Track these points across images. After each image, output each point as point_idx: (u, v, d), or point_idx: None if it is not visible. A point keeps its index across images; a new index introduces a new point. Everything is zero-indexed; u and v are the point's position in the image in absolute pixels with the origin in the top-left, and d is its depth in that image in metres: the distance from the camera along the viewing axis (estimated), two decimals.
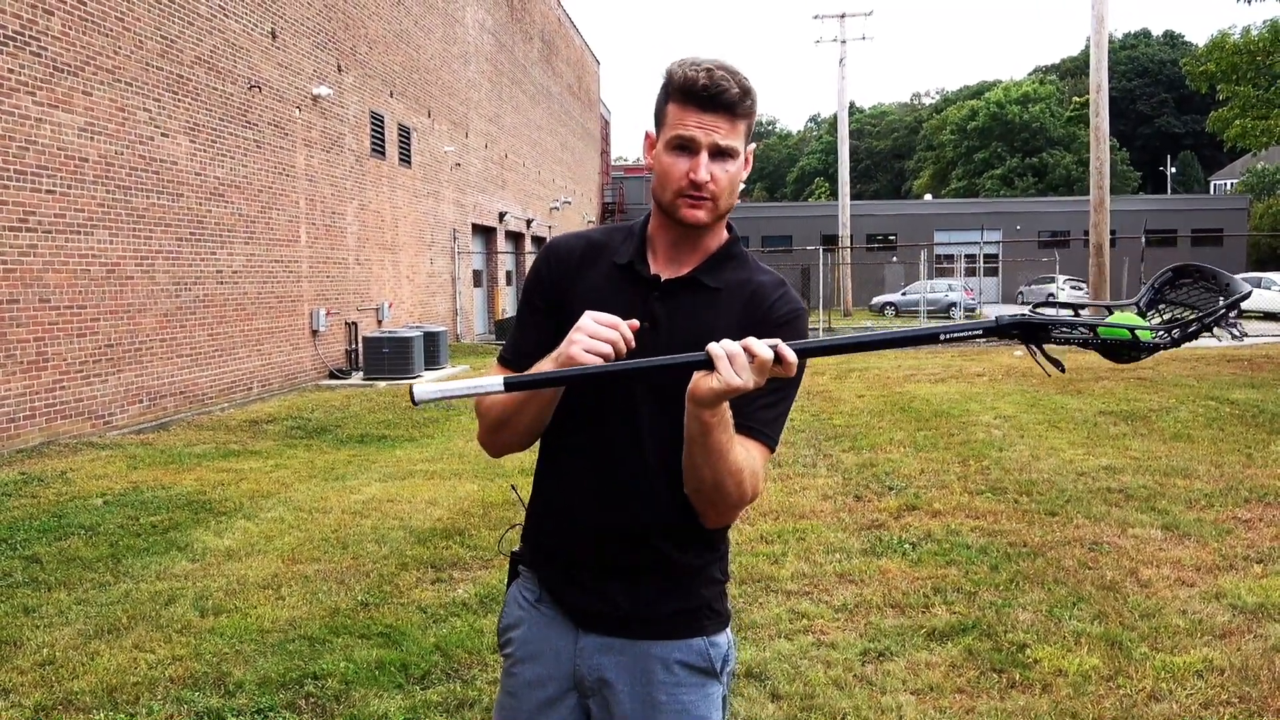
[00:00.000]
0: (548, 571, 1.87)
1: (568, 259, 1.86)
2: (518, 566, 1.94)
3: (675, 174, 1.72)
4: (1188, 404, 11.68)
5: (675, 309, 1.78)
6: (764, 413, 1.75)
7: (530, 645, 1.87)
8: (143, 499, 7.47)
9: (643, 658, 1.79)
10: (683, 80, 1.70)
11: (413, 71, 21.48)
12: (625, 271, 1.81)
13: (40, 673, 4.24)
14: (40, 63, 9.83)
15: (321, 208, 16.65)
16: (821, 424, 10.94)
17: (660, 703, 1.78)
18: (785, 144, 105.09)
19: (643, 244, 1.84)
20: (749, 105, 1.72)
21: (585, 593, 1.81)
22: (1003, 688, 3.98)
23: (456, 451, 9.56)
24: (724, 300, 1.79)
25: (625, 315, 1.67)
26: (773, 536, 6.21)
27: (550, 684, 1.84)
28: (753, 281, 1.82)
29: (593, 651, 1.81)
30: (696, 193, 1.72)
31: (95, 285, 10.72)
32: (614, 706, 1.80)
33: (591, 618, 1.82)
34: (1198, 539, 6.03)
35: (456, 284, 24.94)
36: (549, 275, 1.86)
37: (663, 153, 1.74)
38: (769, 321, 1.77)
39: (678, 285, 1.79)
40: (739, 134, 1.73)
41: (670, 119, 1.73)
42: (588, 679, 1.82)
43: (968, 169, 69.82)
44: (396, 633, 4.62)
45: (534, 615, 1.87)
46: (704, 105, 1.69)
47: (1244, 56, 18.98)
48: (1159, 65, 76.12)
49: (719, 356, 1.52)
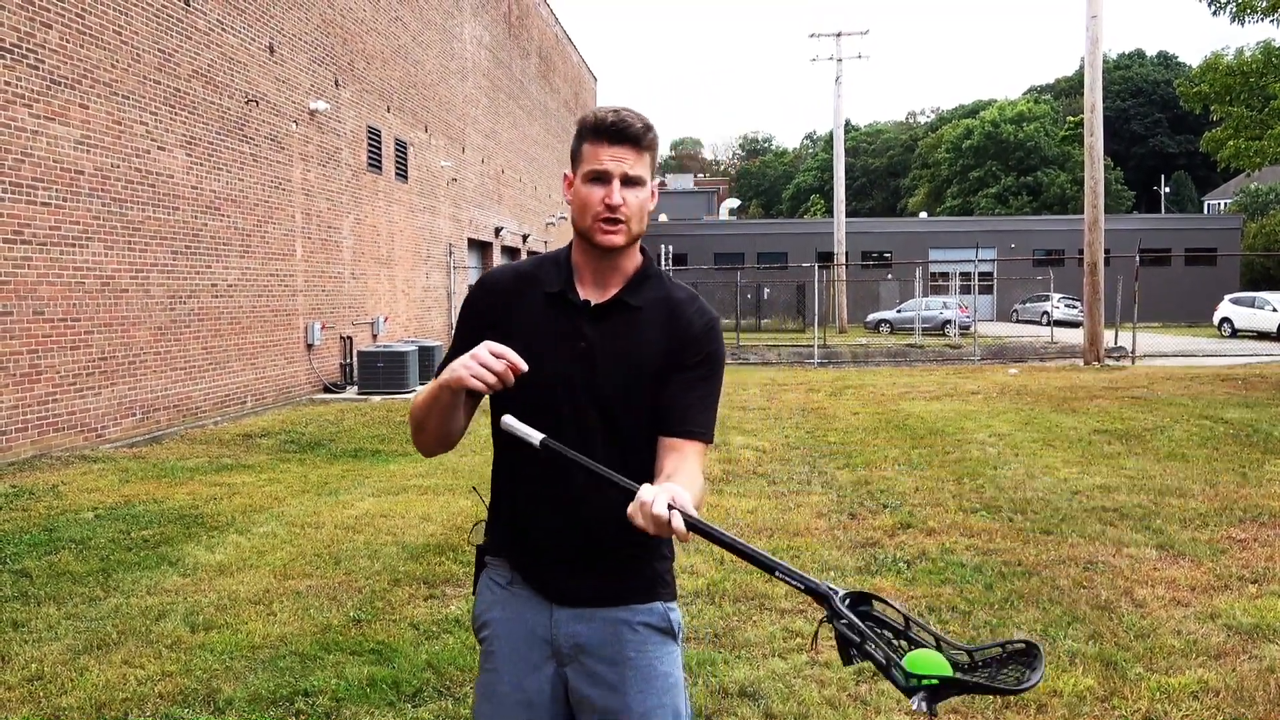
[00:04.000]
0: (516, 558, 2.08)
1: (498, 289, 2.09)
2: (484, 557, 2.15)
3: (592, 201, 1.97)
4: (1182, 423, 11.69)
5: (606, 330, 2.02)
6: (701, 416, 2.03)
7: (508, 624, 2.07)
8: (134, 513, 7.43)
9: (612, 622, 2.02)
10: (594, 121, 1.98)
11: (410, 87, 21.53)
12: (557, 299, 2.04)
13: (29, 688, 4.20)
14: (38, 75, 9.84)
15: (317, 222, 16.65)
16: (816, 441, 10.93)
17: (631, 659, 2.01)
18: (781, 161, 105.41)
19: (569, 273, 2.07)
20: (651, 138, 1.99)
21: (553, 576, 2.04)
22: (997, 708, 3.96)
23: (450, 467, 9.53)
24: (646, 317, 2.04)
25: (561, 338, 2.00)
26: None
27: (530, 654, 2.04)
28: (671, 299, 2.07)
29: (567, 621, 2.03)
30: (612, 215, 1.96)
31: (89, 298, 10.70)
32: (591, 667, 2.02)
33: (562, 594, 2.04)
34: (1192, 559, 6.02)
35: (452, 299, 24.93)
36: (482, 305, 2.10)
37: (580, 185, 1.99)
38: (689, 334, 2.05)
39: (606, 308, 2.04)
40: (645, 164, 1.99)
41: (585, 156, 1.99)
42: (564, 647, 2.03)
43: (963, 187, 70.08)
44: (388, 649, 4.59)
45: (507, 597, 2.08)
46: (613, 139, 1.96)
47: (1237, 77, 19.07)
48: (1153, 85, 76.54)
49: (642, 507, 1.72)
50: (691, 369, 2.04)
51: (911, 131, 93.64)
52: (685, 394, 2.02)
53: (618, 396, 2.00)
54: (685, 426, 2.01)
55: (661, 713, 2.01)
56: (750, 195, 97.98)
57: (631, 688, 2.00)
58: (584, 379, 2.01)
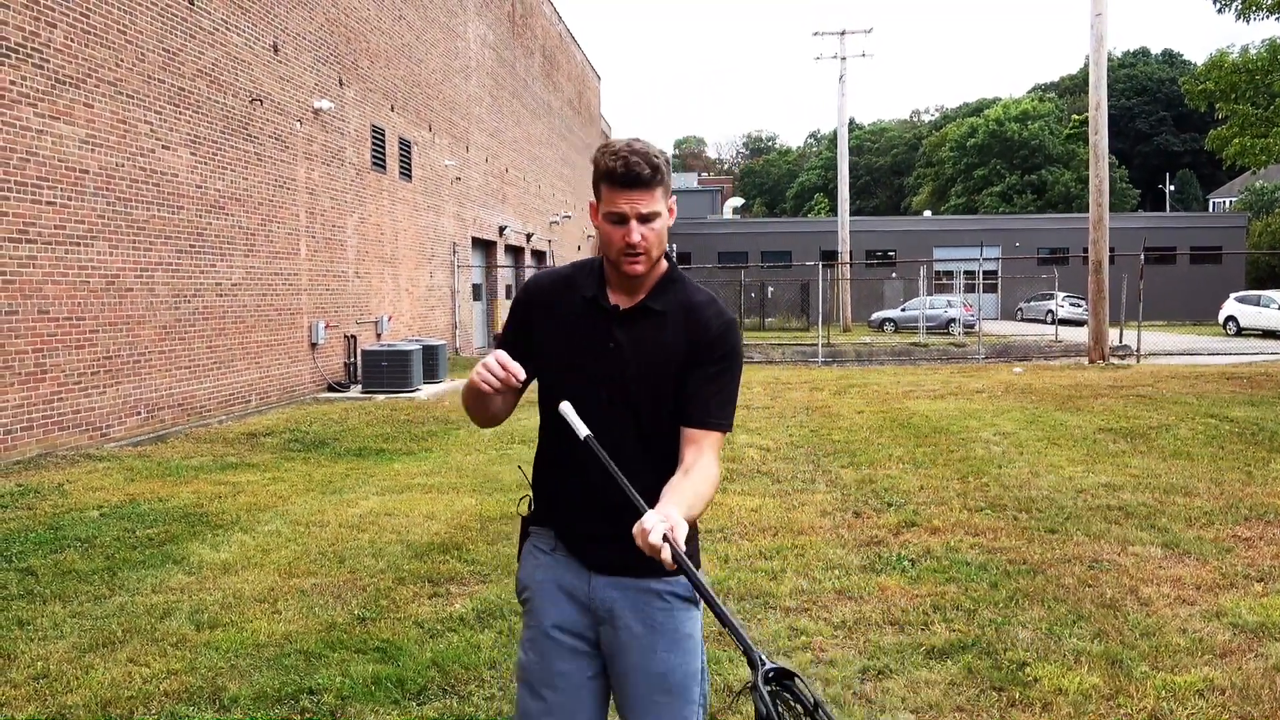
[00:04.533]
0: (558, 529, 2.37)
1: (542, 291, 2.40)
2: (529, 527, 2.45)
3: (615, 239, 2.25)
4: (1187, 421, 11.67)
5: (632, 332, 2.30)
6: (719, 408, 2.30)
7: (549, 586, 2.36)
8: (139, 512, 7.44)
9: (642, 591, 2.29)
10: (606, 170, 2.22)
11: (414, 86, 21.54)
12: (591, 304, 2.33)
13: (34, 686, 4.21)
14: (42, 75, 9.85)
15: (322, 221, 16.67)
16: (821, 440, 10.93)
17: (659, 623, 2.29)
18: (785, 160, 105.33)
19: (602, 281, 2.35)
20: (660, 177, 2.23)
21: (591, 548, 2.32)
22: (1003, 706, 3.95)
23: (455, 465, 9.54)
24: (669, 320, 2.31)
25: (594, 339, 2.30)
26: (771, 553, 6.19)
27: (568, 614, 2.33)
28: (690, 303, 2.33)
29: (603, 588, 2.31)
30: (632, 250, 2.23)
31: (94, 297, 10.72)
32: (621, 629, 2.30)
33: (598, 563, 2.31)
34: (1198, 557, 6.01)
35: (456, 298, 24.94)
36: (528, 305, 2.41)
37: (603, 223, 2.26)
38: (707, 335, 2.31)
39: (633, 313, 2.32)
40: (657, 199, 2.24)
41: (604, 197, 2.24)
42: (600, 610, 2.32)
43: (967, 186, 69.98)
44: (393, 648, 4.59)
45: (549, 562, 2.38)
46: (626, 185, 2.20)
47: (1242, 75, 19.03)
48: (1158, 83, 76.40)
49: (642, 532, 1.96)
50: (709, 366, 2.30)
51: (915, 130, 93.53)
52: (704, 389, 2.29)
53: (643, 391, 2.28)
54: (704, 418, 2.28)
55: (683, 669, 2.31)
56: (754, 194, 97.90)
57: (658, 646, 2.29)
58: (614, 375, 2.29)
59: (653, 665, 2.30)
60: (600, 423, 2.19)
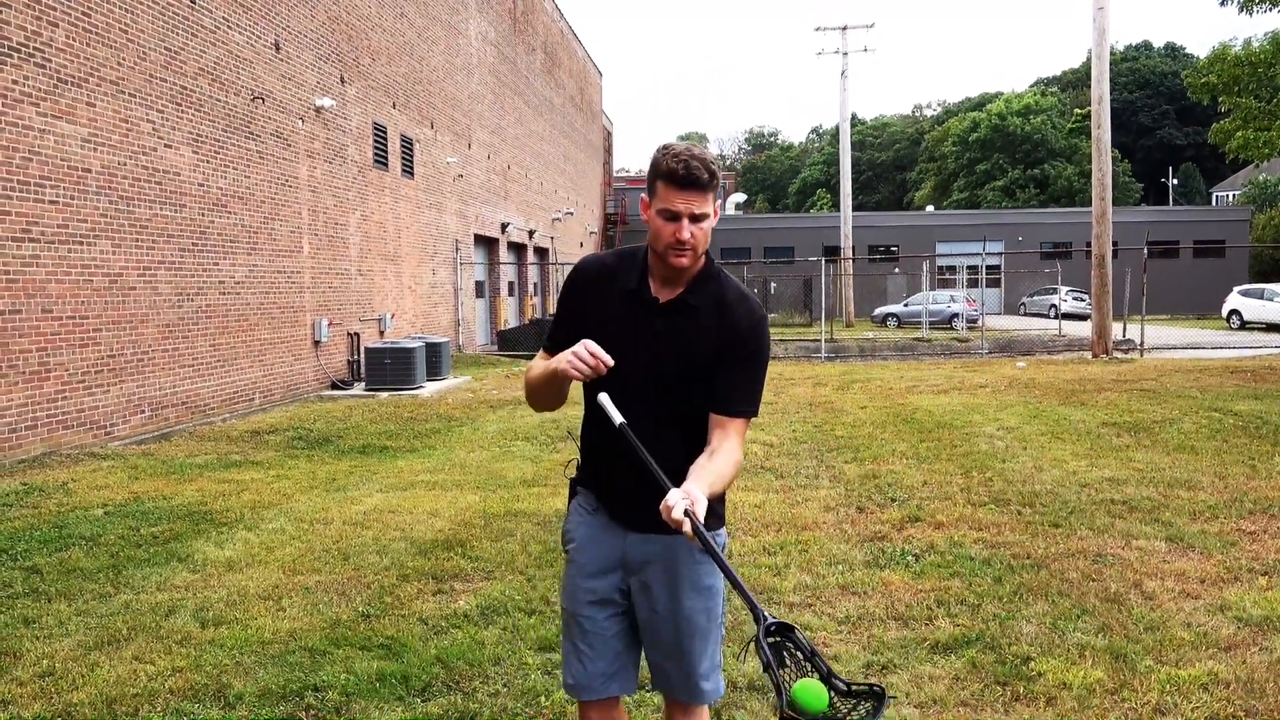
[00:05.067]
0: (599, 492, 2.66)
1: (590, 279, 2.62)
2: (576, 488, 2.73)
3: (665, 234, 2.45)
4: (1191, 415, 11.65)
5: (670, 323, 2.54)
6: (745, 398, 2.55)
7: (589, 540, 2.66)
8: (144, 510, 7.46)
9: (671, 546, 2.56)
10: (668, 171, 2.42)
11: (416, 83, 21.54)
12: (633, 295, 2.55)
13: (40, 684, 4.22)
14: (45, 74, 9.86)
15: (324, 218, 16.67)
16: (824, 435, 10.92)
17: (684, 573, 2.59)
18: (787, 155, 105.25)
19: (644, 273, 2.56)
20: (715, 182, 2.45)
21: (626, 510, 2.59)
22: (1007, 700, 3.95)
23: (458, 462, 9.55)
24: (704, 315, 2.53)
25: (634, 329, 2.53)
26: (775, 548, 6.19)
27: (603, 563, 2.63)
28: (724, 299, 2.55)
29: (637, 543, 2.61)
30: (680, 246, 2.45)
31: (98, 296, 10.73)
32: (651, 579, 2.60)
33: (633, 523, 2.58)
34: (1202, 551, 6.01)
35: (459, 294, 24.95)
36: (579, 285, 2.63)
37: (656, 218, 2.47)
38: (737, 331, 2.54)
39: (672, 306, 2.54)
40: (709, 201, 2.46)
41: (660, 195, 2.45)
42: (633, 562, 2.62)
43: (969, 180, 69.88)
44: (397, 644, 4.60)
45: (591, 519, 2.67)
46: (684, 186, 2.41)
47: (1245, 68, 19.00)
48: (1160, 77, 76.25)
49: (666, 508, 2.23)
50: (738, 359, 2.54)
51: (918, 125, 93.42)
52: (732, 379, 2.53)
53: (677, 378, 2.53)
54: (730, 406, 2.53)
55: (705, 613, 2.62)
56: (756, 190, 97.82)
57: (680, 593, 2.60)
58: (651, 362, 2.52)
59: (679, 611, 2.59)
60: (638, 404, 2.47)
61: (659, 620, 2.62)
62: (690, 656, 2.63)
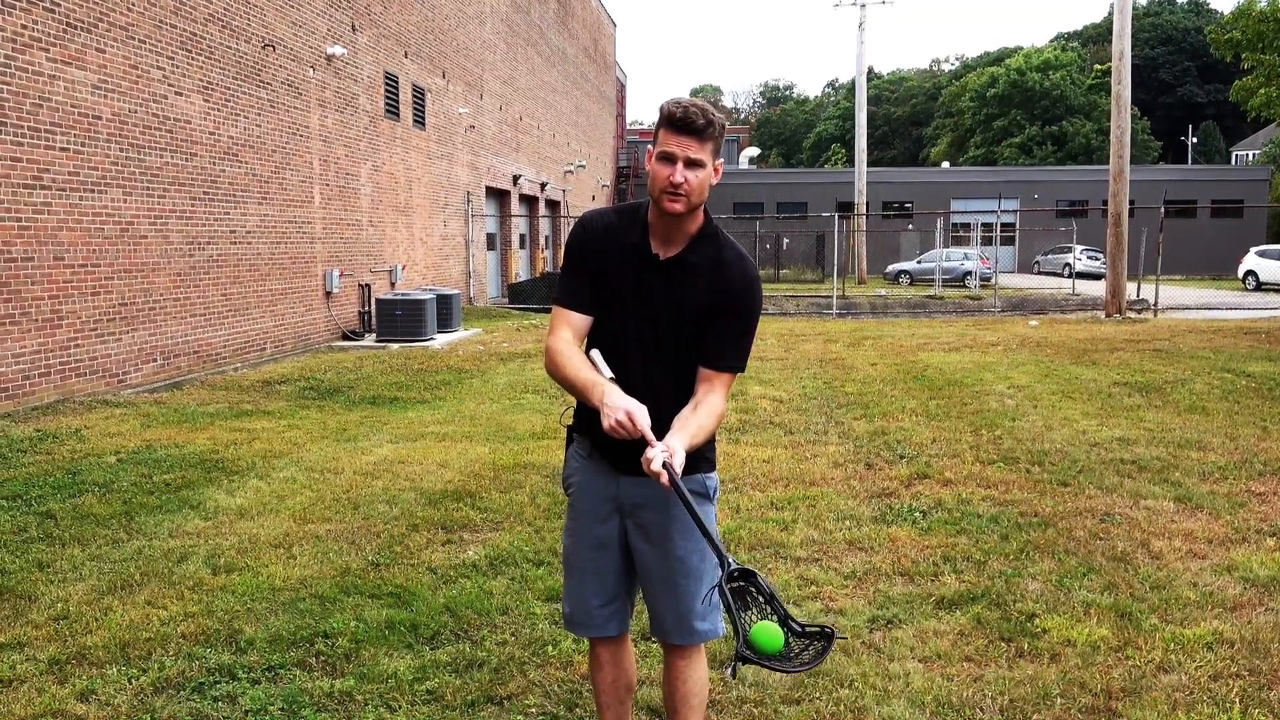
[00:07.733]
0: (594, 438, 2.68)
1: (595, 233, 2.68)
2: (572, 435, 2.82)
3: (660, 177, 2.52)
4: (1203, 376, 11.60)
5: (668, 279, 2.63)
6: (732, 353, 2.65)
7: (586, 485, 2.77)
8: (156, 457, 7.51)
9: (664, 488, 2.53)
10: (667, 113, 2.49)
11: (427, 32, 21.32)
12: (634, 250, 2.64)
13: (54, 627, 4.28)
14: (54, 19, 9.78)
15: (335, 169, 16.60)
16: (834, 391, 10.92)
17: (675, 515, 2.65)
18: (802, 109, 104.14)
19: (645, 229, 2.64)
20: (713, 131, 2.50)
21: (618, 454, 2.63)
22: (1011, 657, 3.98)
23: (468, 414, 9.58)
24: (700, 272, 2.62)
25: (633, 284, 2.62)
26: (783, 503, 6.21)
27: (600, 509, 2.75)
28: (720, 258, 2.63)
29: (629, 486, 2.69)
30: (674, 190, 2.50)
31: (109, 244, 10.73)
32: (645, 519, 2.71)
33: (625, 466, 2.64)
34: (1210, 511, 6.01)
35: (470, 247, 24.89)
36: (585, 239, 2.69)
37: (653, 162, 2.54)
38: (730, 289, 2.62)
39: (671, 263, 2.63)
40: (706, 151, 2.51)
41: (660, 139, 2.52)
42: (626, 505, 2.73)
43: (986, 137, 69.13)
44: (406, 593, 4.64)
45: (587, 465, 2.77)
46: (680, 130, 2.48)
47: (1270, 24, 18.65)
48: (1182, 33, 74.99)
49: (646, 460, 2.39)
50: (729, 317, 2.62)
51: (935, 80, 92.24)
52: (721, 336, 2.63)
53: (671, 331, 2.63)
54: (718, 361, 2.64)
55: (698, 554, 2.69)
56: (770, 144, 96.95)
57: (673, 534, 2.69)
58: (648, 315, 2.62)
59: (671, 552, 2.71)
60: (635, 354, 2.62)
61: (653, 561, 2.73)
62: (685, 597, 2.71)
